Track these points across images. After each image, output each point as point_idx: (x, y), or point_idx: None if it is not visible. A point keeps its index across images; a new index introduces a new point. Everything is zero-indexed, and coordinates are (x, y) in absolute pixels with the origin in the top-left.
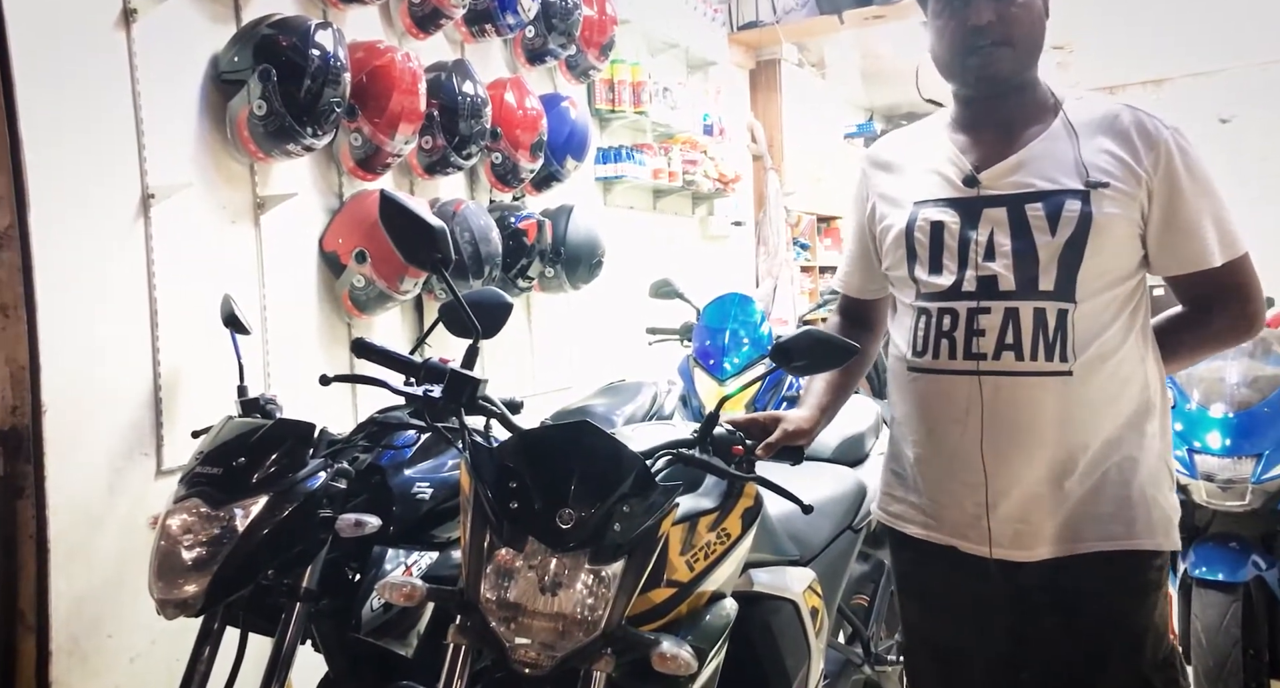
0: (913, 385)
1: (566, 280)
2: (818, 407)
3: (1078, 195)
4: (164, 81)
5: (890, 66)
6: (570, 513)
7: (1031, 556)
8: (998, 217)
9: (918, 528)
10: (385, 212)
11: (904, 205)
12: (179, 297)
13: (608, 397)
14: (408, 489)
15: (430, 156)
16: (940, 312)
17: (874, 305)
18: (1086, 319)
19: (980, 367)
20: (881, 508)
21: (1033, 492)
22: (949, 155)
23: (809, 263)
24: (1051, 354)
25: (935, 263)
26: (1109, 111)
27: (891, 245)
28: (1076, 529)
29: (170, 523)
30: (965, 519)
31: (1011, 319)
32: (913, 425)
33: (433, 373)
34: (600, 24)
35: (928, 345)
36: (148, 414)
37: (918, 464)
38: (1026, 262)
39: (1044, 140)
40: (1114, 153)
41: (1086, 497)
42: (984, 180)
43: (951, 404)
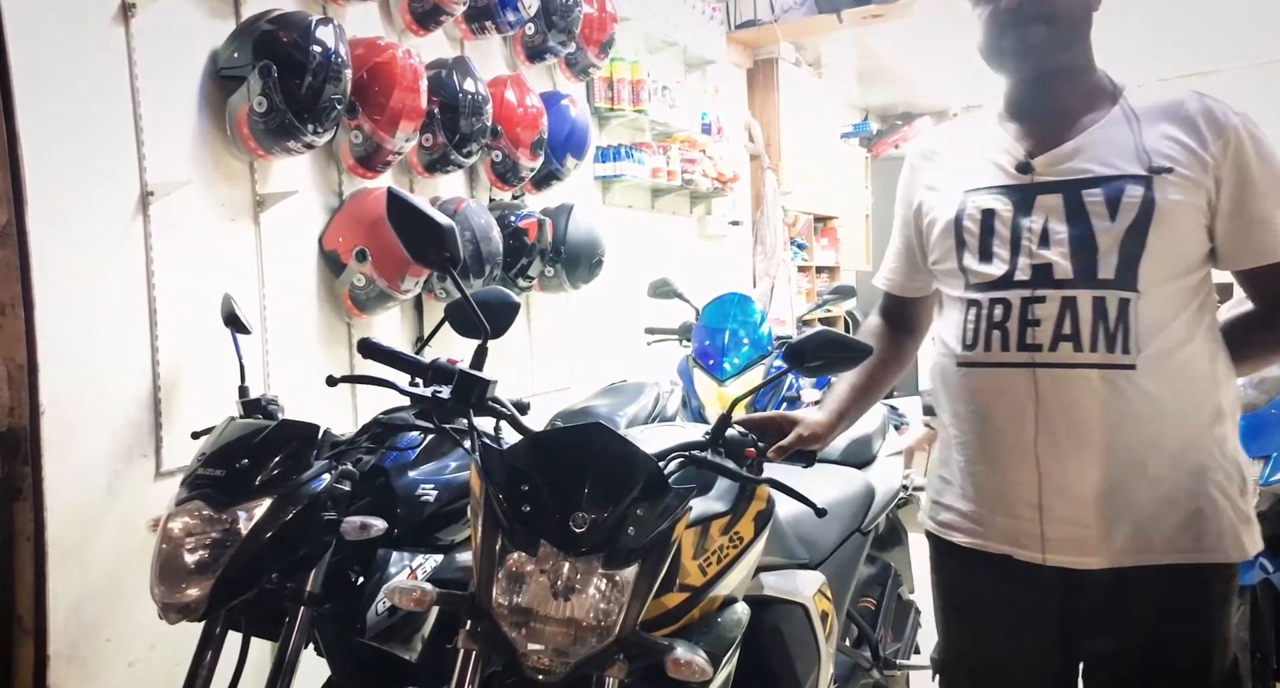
0: (963, 381)
1: (566, 280)
2: (836, 412)
3: (1139, 181)
4: (163, 77)
5: (886, 66)
6: (584, 517)
7: (1089, 564)
8: (1052, 203)
9: (966, 536)
10: (393, 209)
11: (953, 195)
12: (178, 296)
13: (610, 397)
14: (412, 491)
15: (431, 154)
16: (991, 302)
17: (917, 304)
18: (1150, 310)
19: (1036, 358)
20: (930, 517)
21: (1092, 494)
22: (1001, 143)
23: (806, 263)
24: (1113, 345)
25: (985, 251)
26: (1173, 98)
27: (940, 236)
28: (1143, 540)
29: (172, 526)
30: (1018, 524)
31: (1069, 308)
32: (962, 426)
33: (441, 374)
34: (600, 21)
35: (978, 338)
36: (147, 415)
37: (968, 467)
38: (1084, 248)
39: (1103, 127)
40: (1179, 139)
41: (1154, 505)
42: (1038, 167)
43: (1005, 400)
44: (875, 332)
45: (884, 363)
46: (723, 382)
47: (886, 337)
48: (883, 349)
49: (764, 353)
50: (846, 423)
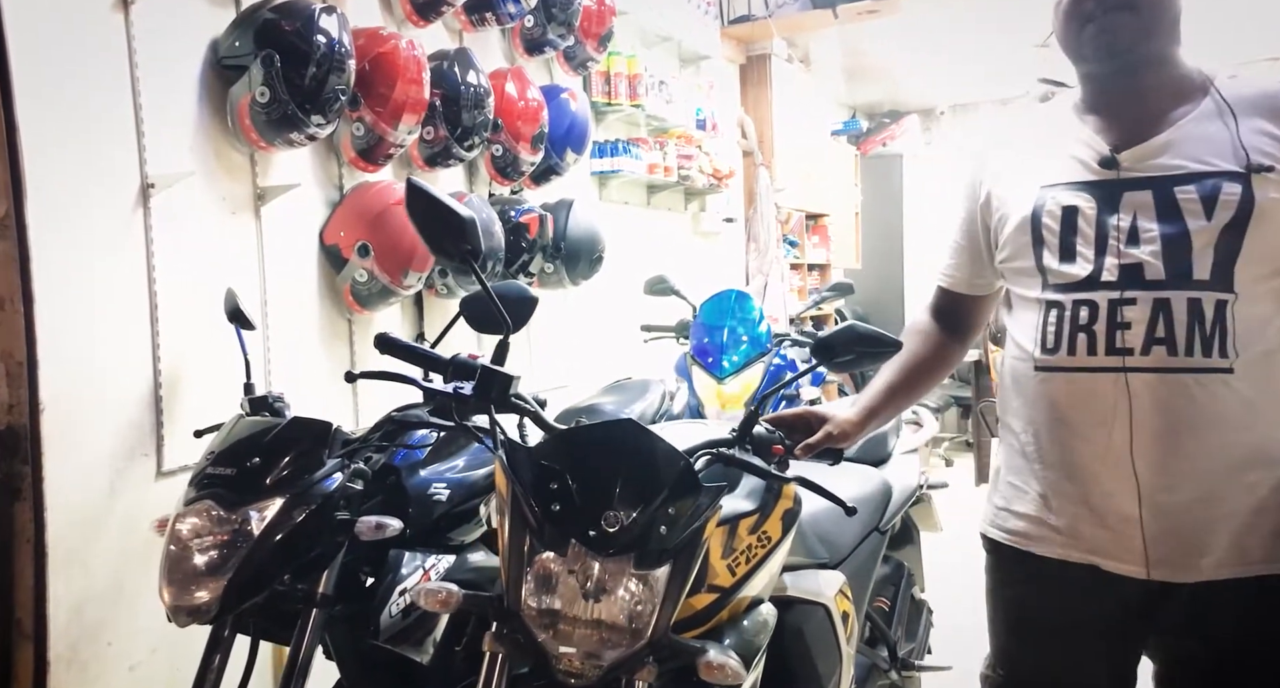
0: (1042, 387)
1: (566, 276)
2: (867, 410)
3: (1236, 178)
4: (163, 67)
5: (873, 64)
6: (616, 516)
7: (1188, 577)
8: (1141, 200)
9: (1049, 546)
10: (412, 201)
11: (1027, 190)
12: (180, 290)
13: (616, 395)
14: (424, 490)
15: (432, 148)
16: (1075, 304)
17: (978, 303)
18: (1248, 312)
19: (1127, 363)
20: (997, 525)
21: (1191, 504)
22: (1081, 136)
23: (798, 260)
24: (1210, 349)
25: (1067, 251)
26: (1267, 90)
27: (1013, 233)
28: (1242, 550)
29: (181, 526)
30: (1112, 535)
31: (1162, 311)
32: (1042, 433)
33: (462, 369)
34: (599, 14)
35: (1060, 341)
36: (148, 413)
37: (1049, 474)
38: (1178, 248)
39: (1194, 120)
40: (1275, 134)
41: (1253, 513)
42: (1124, 162)
43: (1094, 406)
44: (923, 331)
45: (927, 365)
46: (722, 379)
47: (934, 337)
48: (927, 350)
49: (763, 350)
50: (878, 423)
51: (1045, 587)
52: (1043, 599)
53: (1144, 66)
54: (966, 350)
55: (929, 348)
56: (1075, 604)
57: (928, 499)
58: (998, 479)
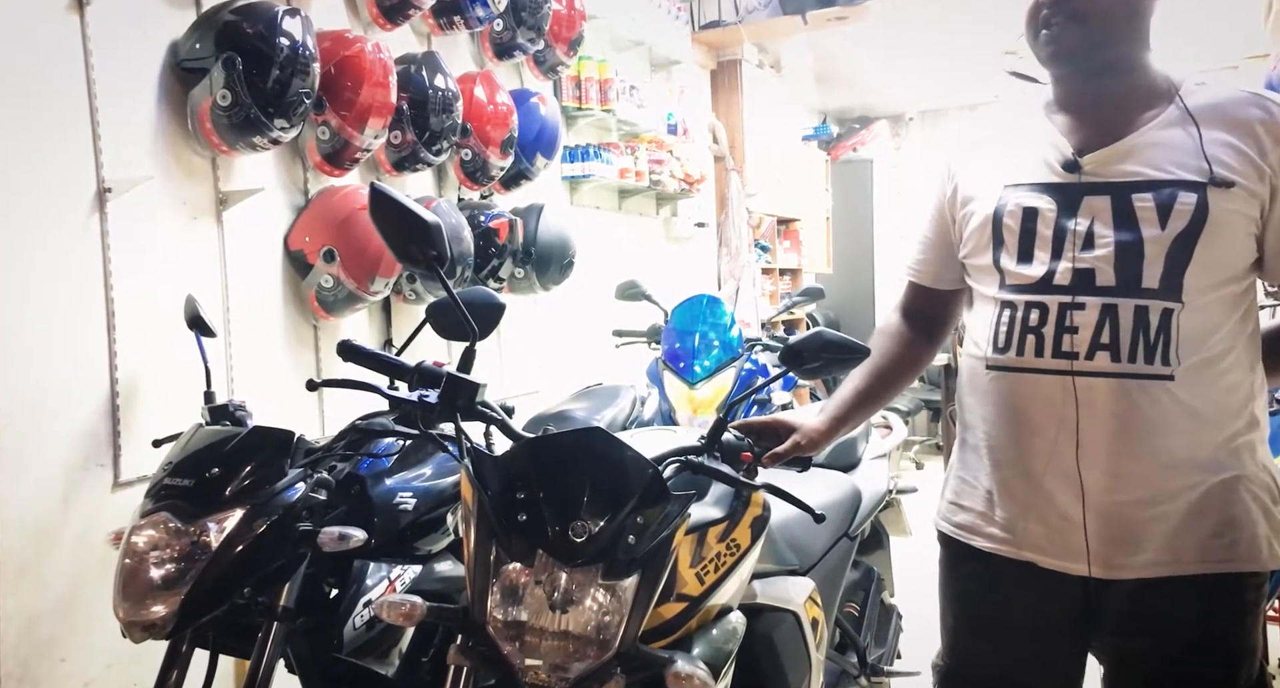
0: (993, 385)
1: (537, 281)
2: (835, 418)
3: (1194, 188)
4: (120, 69)
5: (843, 70)
6: (583, 525)
7: (1124, 574)
8: (1100, 205)
9: (989, 541)
10: (376, 206)
11: (992, 188)
12: (138, 297)
13: (586, 401)
14: (389, 500)
15: (399, 152)
16: (1028, 306)
17: (947, 299)
18: (1192, 321)
19: (1074, 367)
20: (945, 518)
21: (1131, 504)
22: (1048, 137)
23: (769, 265)
24: (1152, 357)
25: (1025, 252)
26: (1232, 99)
27: (975, 230)
28: (1176, 550)
29: (136, 539)
30: (1051, 533)
31: (1109, 317)
32: (991, 430)
33: (426, 377)
34: (569, 19)
35: (1011, 342)
36: (104, 422)
37: (996, 471)
38: (1130, 256)
39: (1158, 127)
40: (1236, 145)
41: (1187, 515)
42: (1087, 166)
43: (1042, 407)
44: (892, 333)
45: (896, 369)
46: (693, 384)
47: (904, 339)
48: (896, 353)
49: (735, 355)
50: (848, 429)
51: (988, 581)
52: (986, 593)
53: (1108, 71)
54: (936, 352)
55: (898, 351)
56: (1016, 599)
57: (897, 504)
58: (950, 473)
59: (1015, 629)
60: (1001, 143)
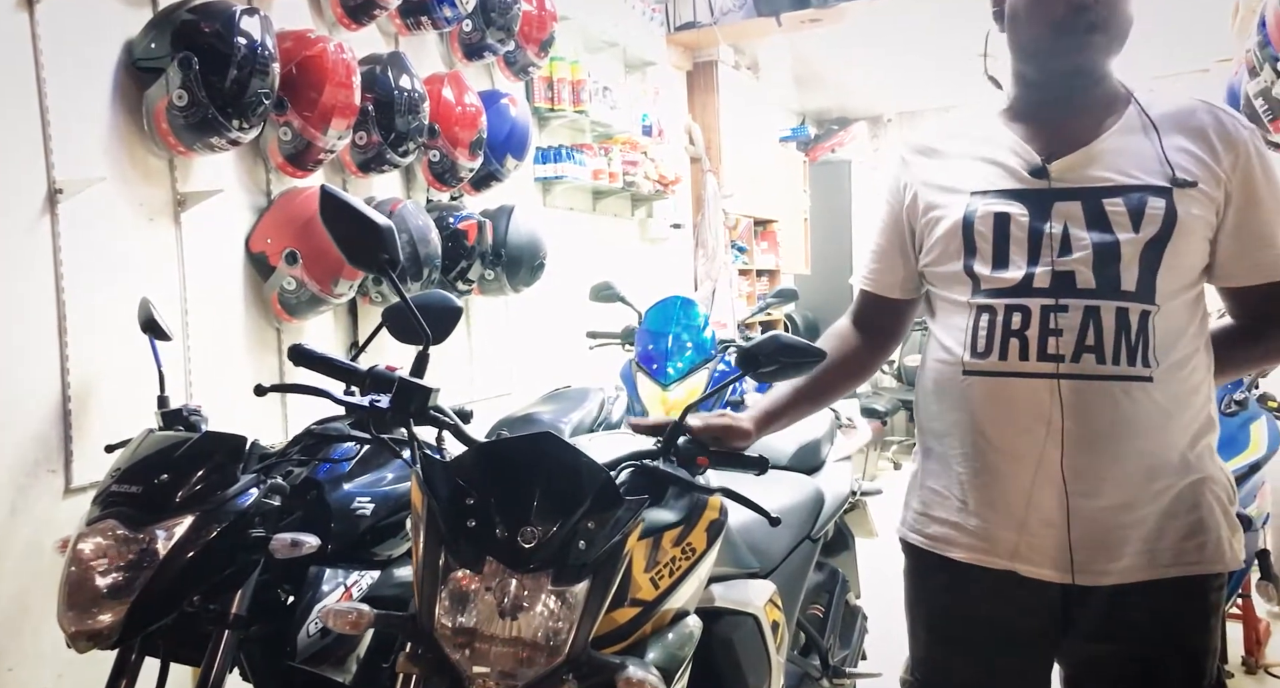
0: (969, 390)
1: (507, 283)
2: (767, 413)
3: (1160, 192)
4: (72, 68)
5: (821, 72)
6: (533, 531)
7: (1104, 580)
8: (1071, 210)
9: (966, 552)
10: (326, 209)
11: (958, 196)
12: (91, 300)
13: (554, 404)
14: (347, 505)
15: (365, 153)
16: (1008, 309)
17: (900, 308)
18: (1166, 323)
19: (1060, 369)
20: (916, 530)
21: (1111, 509)
22: (1009, 144)
23: (746, 266)
24: (1134, 358)
25: (1001, 257)
26: (1185, 107)
27: (942, 238)
28: (1153, 554)
29: (82, 547)
30: (1033, 541)
31: (1092, 319)
32: (964, 435)
33: (379, 382)
34: (540, 19)
35: (992, 345)
36: (55, 428)
37: (969, 478)
38: (1108, 258)
39: (1119, 133)
40: (1192, 152)
41: (1162, 518)
42: (1054, 172)
43: (1024, 411)
44: (842, 336)
45: (842, 371)
46: (666, 386)
47: (852, 345)
48: (845, 356)
49: (708, 357)
50: (779, 426)
51: (964, 592)
52: (962, 605)
53: (1084, 79)
54: (881, 362)
55: (847, 354)
56: (994, 610)
57: (862, 506)
58: (915, 484)
59: (990, 640)
60: (959, 151)
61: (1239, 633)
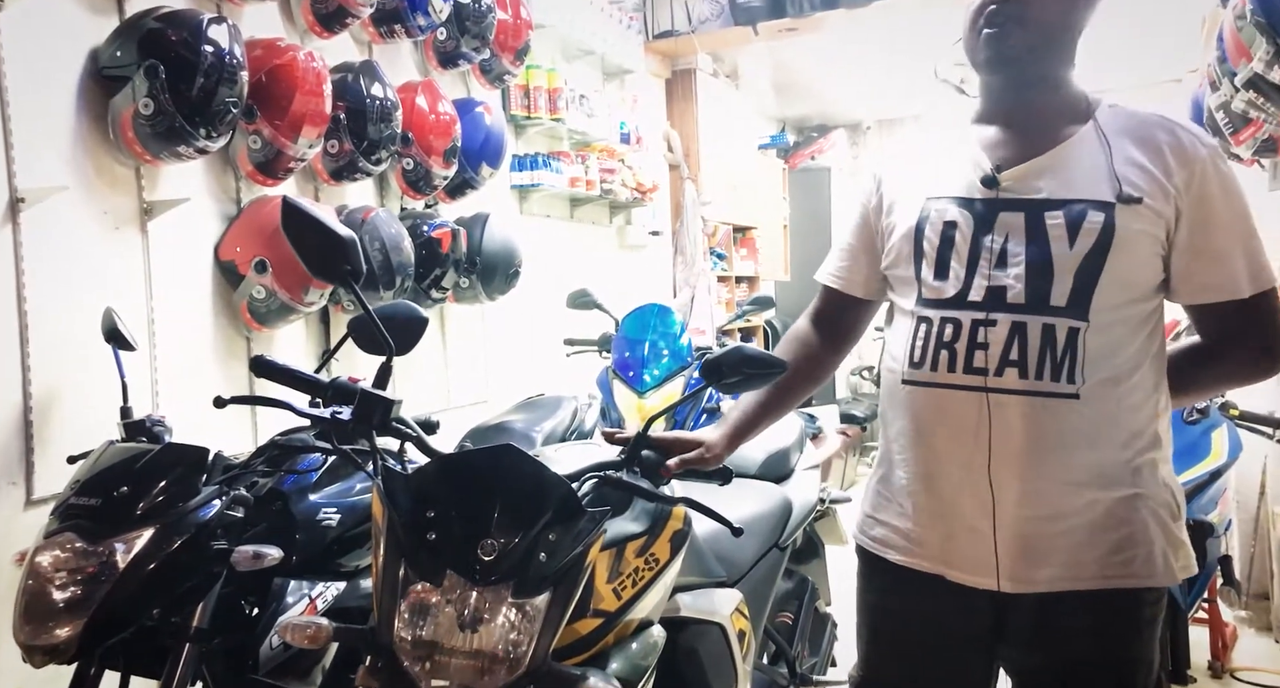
0: (908, 399)
1: (482, 291)
2: (736, 430)
3: (1102, 207)
4: (36, 75)
5: (801, 79)
6: (493, 543)
7: (1030, 588)
8: (1014, 222)
9: (901, 554)
10: (289, 220)
11: (916, 200)
12: (54, 310)
13: (526, 412)
14: (312, 515)
15: (337, 161)
16: (943, 321)
17: (861, 308)
18: (1098, 340)
19: (987, 383)
20: (863, 532)
21: (1037, 519)
22: (971, 151)
23: (725, 273)
24: (1058, 375)
25: (942, 267)
26: (1145, 121)
27: (898, 242)
28: (1077, 565)
29: (40, 560)
30: (961, 547)
31: (1018, 334)
32: (906, 443)
33: (341, 393)
34: (515, 28)
35: (926, 356)
36: (16, 439)
37: (909, 484)
38: (1040, 274)
39: (1073, 145)
40: (1144, 166)
41: (1089, 531)
42: (1004, 182)
43: (955, 422)
44: (800, 339)
45: (803, 375)
46: (643, 393)
47: (811, 346)
48: (801, 361)
49: (684, 364)
50: (750, 438)
51: (900, 594)
52: (897, 606)
53: (1036, 85)
54: (839, 362)
55: (803, 359)
56: (926, 612)
57: (832, 513)
58: (869, 487)
59: (924, 643)
60: (928, 155)
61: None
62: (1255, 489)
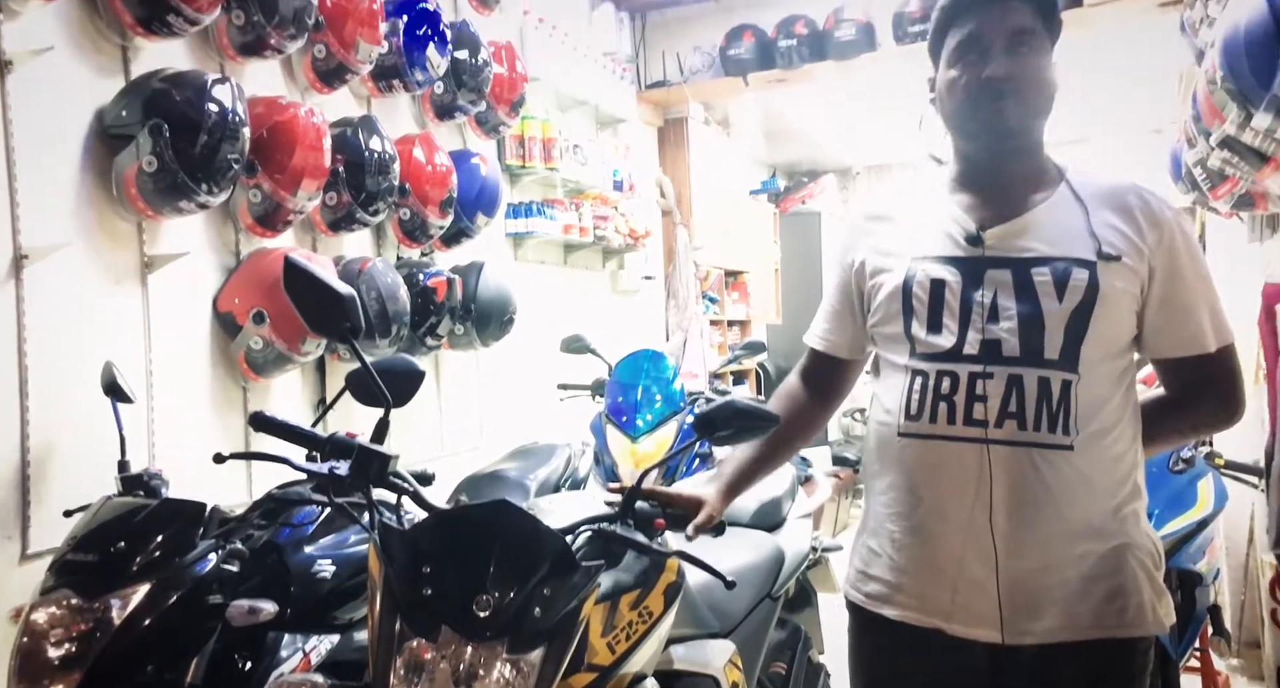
0: (904, 451)
1: (477, 338)
2: (731, 487)
3: (1085, 265)
4: (42, 135)
5: (791, 127)
6: (488, 599)
7: (1028, 640)
8: (1002, 279)
9: (897, 609)
10: (290, 279)
11: (901, 260)
12: (54, 364)
13: (520, 461)
14: (307, 568)
15: (335, 213)
16: (939, 374)
17: (846, 368)
18: (1088, 392)
19: (987, 434)
20: (855, 587)
21: (1035, 571)
22: (951, 213)
23: (718, 316)
24: (1055, 426)
25: (934, 322)
26: (1115, 186)
27: (885, 300)
28: (1073, 616)
29: (36, 617)
30: (960, 600)
31: (1015, 386)
32: (898, 496)
33: (338, 448)
34: (511, 81)
35: (923, 409)
36: (13, 493)
37: (902, 538)
38: (1032, 327)
39: (1050, 206)
40: (1119, 228)
41: (1083, 581)
42: (988, 240)
43: (955, 474)
44: (791, 395)
45: (795, 429)
46: (636, 438)
47: (802, 402)
48: (793, 417)
49: (676, 409)
50: (743, 491)
51: (896, 649)
52: (894, 662)
53: (1015, 153)
54: (830, 416)
55: (796, 414)
56: (923, 668)
57: (825, 561)
58: (858, 542)
59: None
60: (907, 216)
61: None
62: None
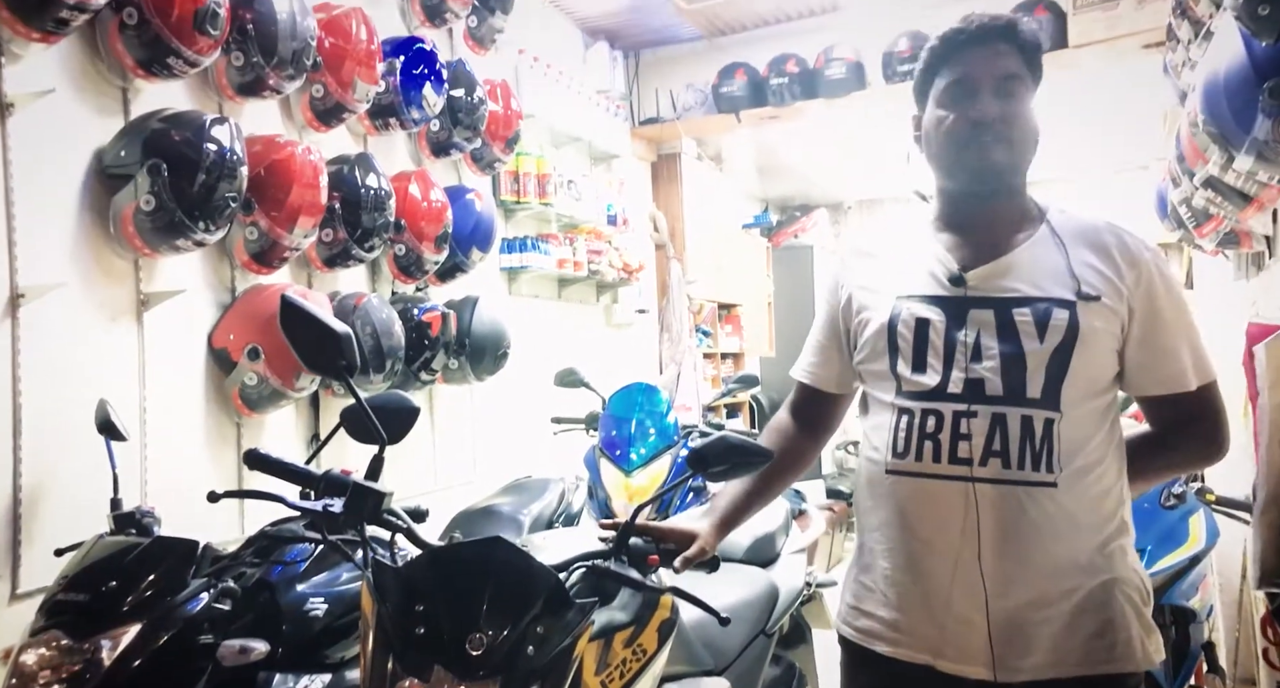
0: (893, 489)
1: (471, 372)
2: (724, 522)
3: (1065, 305)
4: (41, 175)
5: (783, 161)
6: (481, 638)
7: (1017, 677)
8: (984, 318)
9: (889, 645)
10: (287, 317)
11: (886, 298)
12: (48, 403)
13: (514, 496)
14: (300, 606)
15: (331, 249)
16: (924, 412)
17: (835, 402)
18: (1070, 430)
19: (973, 472)
20: (847, 623)
21: (1023, 607)
22: (934, 252)
23: (711, 350)
24: (1038, 464)
25: (919, 361)
26: (1093, 226)
27: (871, 338)
28: (1061, 651)
29: (25, 658)
30: (950, 636)
31: (999, 425)
32: (890, 533)
33: (333, 485)
34: (506, 119)
35: (910, 447)
36: (4, 531)
37: (893, 574)
38: (1014, 367)
39: (1032, 246)
40: (1098, 268)
41: (1071, 616)
42: (971, 281)
43: (941, 512)
44: (781, 430)
45: (782, 465)
46: (629, 472)
47: (792, 437)
48: (784, 451)
49: (670, 443)
50: (736, 526)
51: (889, 684)
52: None
53: (999, 194)
54: (820, 449)
55: (786, 449)
56: None
57: (819, 597)
58: (850, 577)
59: None
60: (892, 255)
61: None
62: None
